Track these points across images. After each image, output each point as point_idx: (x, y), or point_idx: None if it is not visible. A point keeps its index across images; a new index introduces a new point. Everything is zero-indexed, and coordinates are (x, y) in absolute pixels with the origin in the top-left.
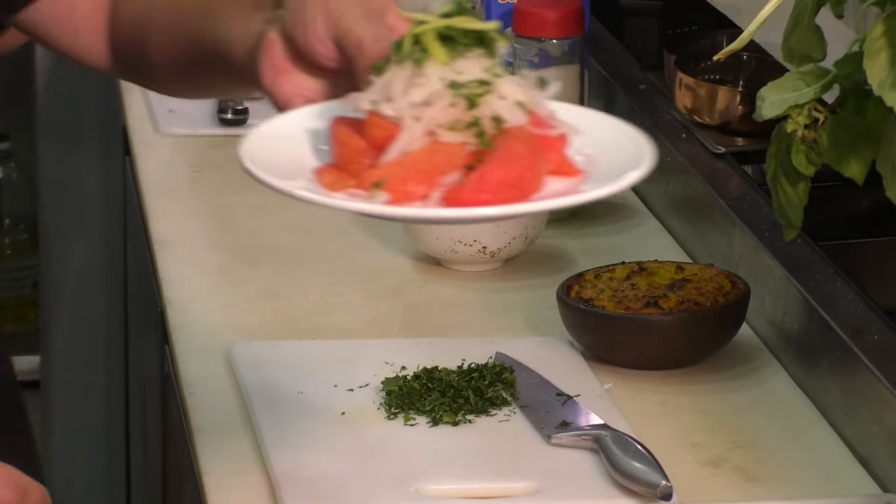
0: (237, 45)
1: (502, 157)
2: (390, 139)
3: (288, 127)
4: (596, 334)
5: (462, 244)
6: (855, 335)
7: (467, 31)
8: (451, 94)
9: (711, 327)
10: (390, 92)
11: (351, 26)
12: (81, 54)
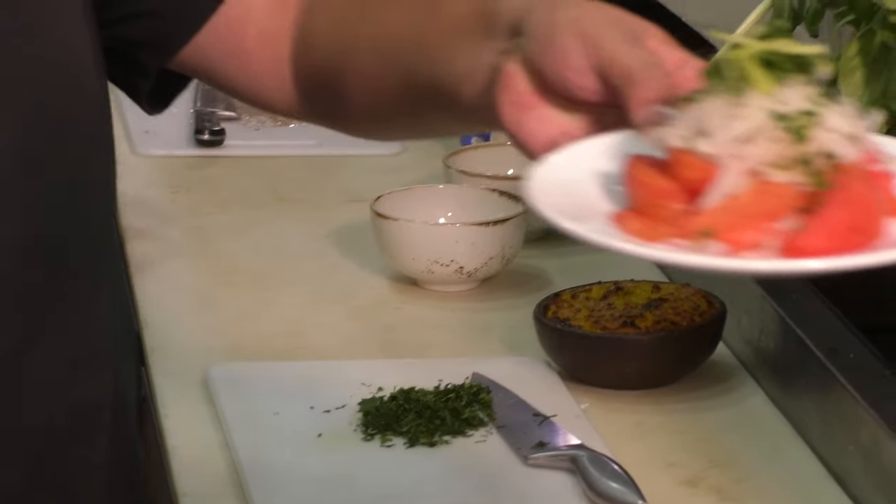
0: (463, 82)
1: (842, 198)
2: (706, 181)
3: (569, 165)
4: (573, 354)
5: (439, 264)
6: (831, 354)
7: (789, 56)
8: (776, 127)
9: (688, 347)
10: (705, 126)
11: (615, 54)
12: (261, 95)
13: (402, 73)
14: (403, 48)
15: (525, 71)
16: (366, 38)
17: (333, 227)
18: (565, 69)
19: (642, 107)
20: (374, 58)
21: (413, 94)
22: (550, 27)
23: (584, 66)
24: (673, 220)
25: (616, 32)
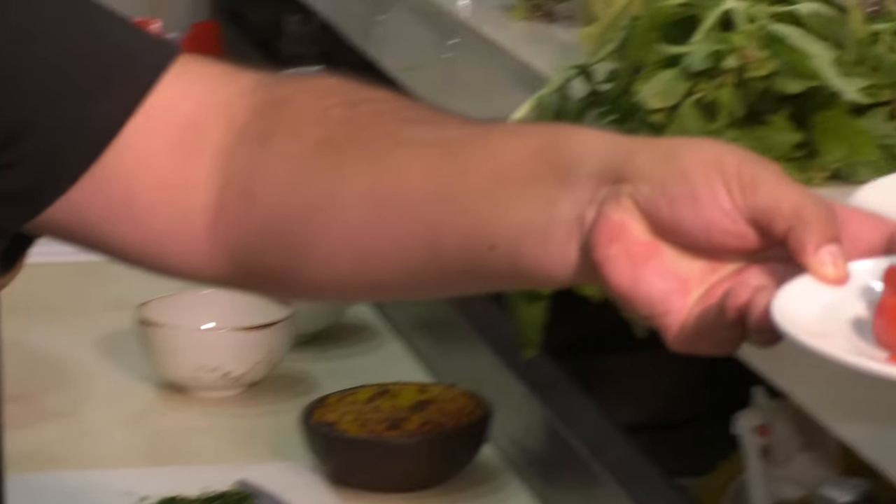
0: (525, 238)
1: None
2: None
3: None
4: (339, 458)
5: (205, 370)
6: (595, 452)
7: None
8: None
9: (454, 448)
10: None
11: (781, 196)
12: (161, 259)
13: (412, 230)
14: (417, 201)
15: (640, 219)
16: (352, 190)
17: (98, 334)
18: (715, 215)
19: (820, 249)
20: (366, 213)
21: (428, 254)
22: (682, 172)
23: (735, 211)
24: None
25: (768, 172)
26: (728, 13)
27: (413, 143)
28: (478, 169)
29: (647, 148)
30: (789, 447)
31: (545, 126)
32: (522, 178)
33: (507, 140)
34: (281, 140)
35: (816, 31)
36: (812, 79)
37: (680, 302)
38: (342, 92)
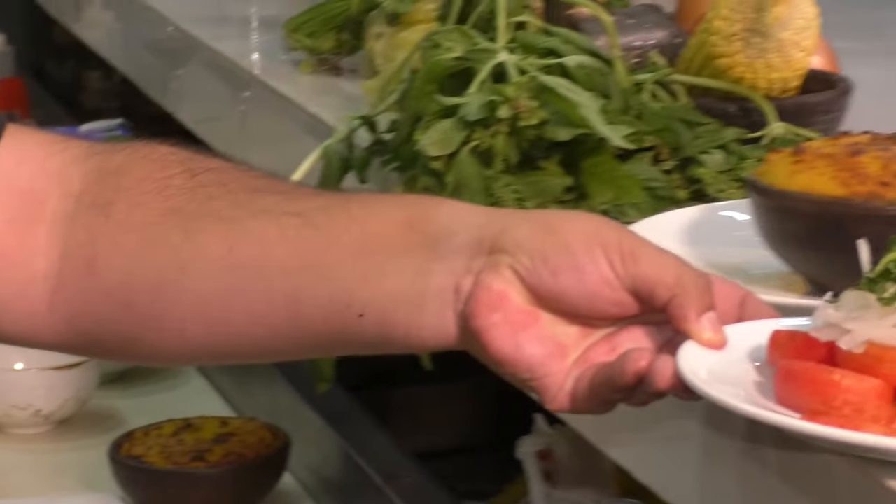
0: (397, 308)
1: None
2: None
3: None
4: (147, 490)
5: (16, 409)
6: (389, 479)
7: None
8: None
9: (255, 477)
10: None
11: (661, 268)
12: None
13: (271, 300)
14: (276, 272)
15: (521, 289)
16: (206, 261)
17: None
18: (598, 285)
19: (700, 316)
20: (221, 284)
21: (289, 323)
22: (564, 245)
23: (616, 280)
24: (883, 418)
25: (646, 244)
26: (501, 66)
27: (268, 214)
28: (342, 239)
29: (524, 221)
30: (569, 470)
31: (406, 197)
32: (391, 249)
33: (369, 211)
34: (123, 209)
35: (584, 81)
36: (580, 126)
37: (558, 365)
38: (179, 160)
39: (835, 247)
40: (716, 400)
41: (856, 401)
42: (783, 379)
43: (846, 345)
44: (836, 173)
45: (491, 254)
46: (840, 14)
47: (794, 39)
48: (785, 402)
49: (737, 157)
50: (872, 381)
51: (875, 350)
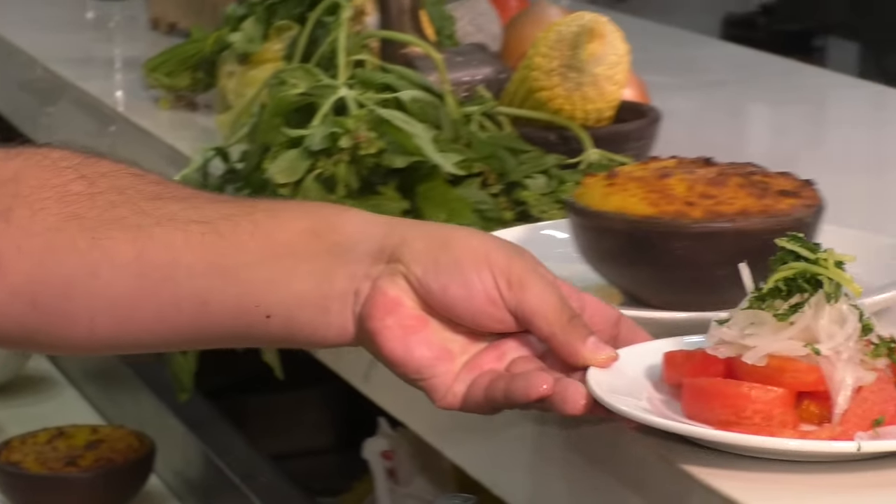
0: (302, 309)
1: None
2: (822, 380)
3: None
4: (24, 493)
5: None
6: (246, 479)
7: None
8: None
9: (124, 480)
10: (817, 334)
11: (542, 301)
12: None
13: (178, 301)
14: (183, 275)
15: (413, 296)
16: (115, 265)
17: None
18: (482, 303)
19: (586, 344)
20: (130, 286)
21: (195, 321)
22: (455, 261)
23: (501, 301)
24: (787, 423)
25: (535, 274)
26: (341, 100)
27: (173, 222)
28: (248, 246)
29: (421, 234)
30: (411, 468)
31: (309, 206)
32: (297, 256)
33: (274, 219)
34: (24, 215)
35: (417, 114)
36: (415, 155)
37: (445, 367)
38: (73, 167)
39: (645, 261)
40: (642, 419)
41: (764, 409)
42: (692, 395)
43: (750, 359)
44: (645, 195)
45: (389, 262)
46: (650, 51)
47: (607, 74)
48: (694, 416)
49: (557, 180)
50: (777, 391)
51: (776, 362)
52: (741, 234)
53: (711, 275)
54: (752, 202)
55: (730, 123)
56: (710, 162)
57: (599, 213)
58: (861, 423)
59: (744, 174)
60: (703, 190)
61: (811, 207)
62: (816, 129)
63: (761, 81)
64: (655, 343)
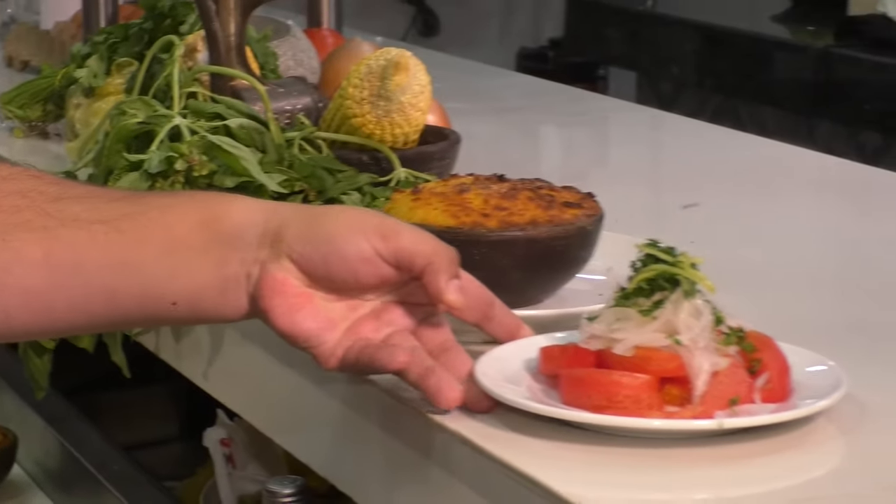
0: (203, 295)
1: (774, 357)
2: (682, 366)
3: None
4: None
5: None
6: (101, 468)
7: None
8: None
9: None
10: (676, 326)
11: (413, 243)
12: None
13: (89, 295)
14: (92, 271)
15: (298, 274)
16: (25, 263)
17: None
18: (359, 264)
19: (448, 282)
20: (41, 283)
21: (107, 311)
22: (323, 230)
23: (376, 257)
24: (652, 406)
25: (405, 225)
26: (176, 128)
27: (77, 222)
28: (148, 241)
29: (298, 217)
30: (246, 454)
31: (198, 198)
32: (193, 248)
33: (167, 216)
34: None
35: (244, 139)
36: (243, 175)
37: (329, 336)
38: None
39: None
40: (526, 406)
41: (633, 394)
42: (569, 384)
43: (619, 350)
44: (446, 208)
45: (272, 245)
46: (453, 81)
47: (412, 102)
48: (572, 403)
49: (370, 196)
50: (644, 378)
51: (642, 352)
52: (531, 241)
53: (506, 278)
54: (540, 213)
55: (524, 144)
56: (503, 178)
57: None
58: (718, 403)
59: (532, 188)
60: (497, 203)
61: (592, 217)
62: (600, 149)
63: (551, 107)
64: (532, 339)
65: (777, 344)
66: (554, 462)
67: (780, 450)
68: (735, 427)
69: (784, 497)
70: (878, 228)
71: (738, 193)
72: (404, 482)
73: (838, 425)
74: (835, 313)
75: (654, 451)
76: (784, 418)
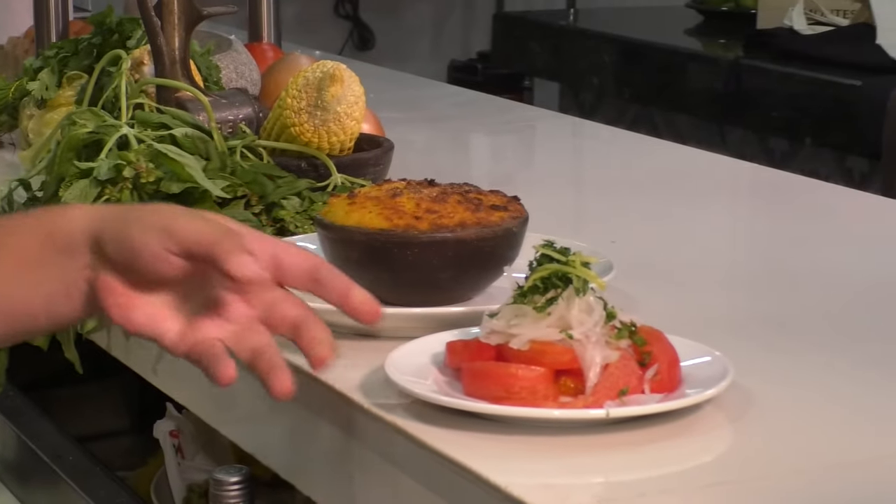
0: (57, 304)
1: (663, 349)
2: (575, 359)
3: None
4: None
5: None
6: (56, 459)
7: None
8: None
9: None
10: (570, 322)
11: (194, 232)
12: None
13: None
14: None
15: (120, 276)
16: None
17: None
18: (152, 259)
19: (234, 258)
20: None
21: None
22: (126, 232)
23: (166, 251)
24: (549, 396)
25: (185, 217)
26: (124, 137)
27: None
28: (4, 266)
29: (114, 218)
30: (195, 445)
31: (38, 214)
32: (41, 263)
33: (13, 237)
34: None
35: (189, 147)
36: (188, 181)
37: (167, 326)
38: None
39: (383, 267)
40: (431, 399)
41: (529, 386)
42: (470, 376)
43: (516, 345)
44: (381, 211)
45: (96, 250)
46: (387, 92)
47: (347, 111)
48: (473, 394)
49: (308, 201)
50: (539, 370)
51: (537, 346)
52: (460, 242)
53: (437, 277)
54: (469, 215)
55: (454, 151)
56: (434, 183)
57: (342, 227)
58: (609, 393)
59: (461, 192)
60: (428, 206)
61: (517, 219)
62: (526, 155)
63: (480, 116)
64: (440, 335)
65: (667, 337)
66: (464, 449)
67: (670, 437)
68: (622, 416)
69: (673, 482)
70: (787, 229)
71: (656, 196)
72: (344, 470)
73: (727, 413)
74: (744, 309)
75: (551, 440)
76: (669, 407)
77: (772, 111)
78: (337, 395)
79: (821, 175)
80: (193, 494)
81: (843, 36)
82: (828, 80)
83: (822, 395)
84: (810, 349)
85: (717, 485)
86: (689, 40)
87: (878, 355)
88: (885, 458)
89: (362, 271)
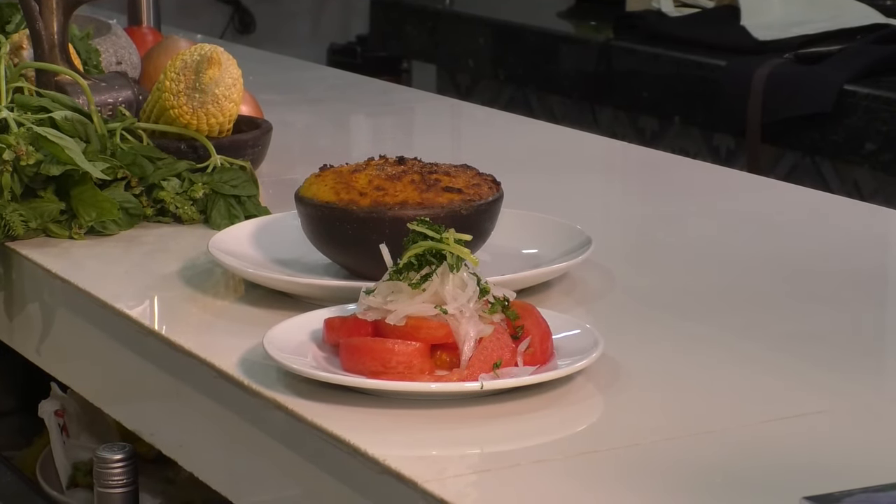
0: None
1: (535, 323)
2: (450, 333)
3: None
4: None
5: None
6: None
7: None
8: (476, 287)
9: None
10: (444, 297)
11: None
12: None
13: None
14: None
15: None
16: None
17: None
18: None
19: None
20: None
21: None
22: None
23: None
24: (427, 369)
25: None
26: (3, 121)
27: None
28: None
29: None
30: (80, 423)
31: None
32: None
33: None
34: None
35: (69, 130)
36: (69, 164)
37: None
38: None
39: (331, 238)
40: (309, 374)
41: (406, 360)
42: (347, 352)
43: (392, 320)
44: (334, 185)
45: None
46: (267, 75)
47: (226, 94)
48: (350, 369)
49: (188, 182)
50: (415, 345)
51: (413, 321)
52: (396, 220)
53: (377, 252)
54: (415, 195)
55: (335, 133)
56: (403, 160)
57: (302, 198)
58: (484, 366)
59: (423, 173)
60: (379, 184)
61: (470, 203)
62: (405, 136)
63: (359, 98)
64: (318, 311)
65: (539, 311)
66: (342, 423)
67: (543, 408)
68: (496, 388)
69: (547, 451)
70: (656, 205)
71: (531, 175)
72: (225, 446)
73: (596, 384)
74: (614, 283)
75: (427, 413)
76: (542, 379)
77: (641, 91)
78: (217, 371)
79: (689, 153)
80: (79, 473)
81: (708, 18)
82: (694, 61)
83: (688, 365)
84: (677, 321)
85: (589, 453)
86: (561, 23)
87: (739, 326)
88: (747, 426)
89: (320, 242)
